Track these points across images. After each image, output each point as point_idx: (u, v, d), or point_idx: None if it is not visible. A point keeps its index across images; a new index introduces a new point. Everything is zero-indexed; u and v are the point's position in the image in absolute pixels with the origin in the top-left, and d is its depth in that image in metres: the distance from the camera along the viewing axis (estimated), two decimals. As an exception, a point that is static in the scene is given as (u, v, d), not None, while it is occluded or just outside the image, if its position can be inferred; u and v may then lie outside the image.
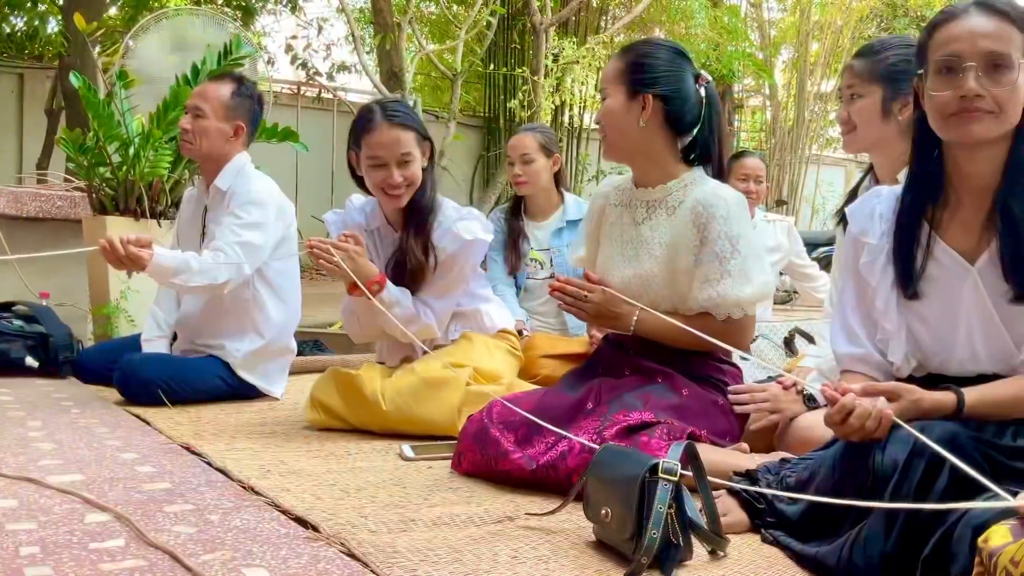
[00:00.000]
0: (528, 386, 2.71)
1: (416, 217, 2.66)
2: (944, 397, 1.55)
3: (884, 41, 2.30)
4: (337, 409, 2.58)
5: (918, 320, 1.67)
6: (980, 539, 1.08)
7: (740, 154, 4.33)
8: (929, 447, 1.35)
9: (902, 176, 1.80)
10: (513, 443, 2.06)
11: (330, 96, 10.30)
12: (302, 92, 10.48)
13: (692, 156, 2.23)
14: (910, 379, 1.67)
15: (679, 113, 2.17)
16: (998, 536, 1.06)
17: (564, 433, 1.91)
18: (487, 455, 2.07)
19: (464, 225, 2.65)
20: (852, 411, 1.48)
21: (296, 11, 9.54)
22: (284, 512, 1.79)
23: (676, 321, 2.03)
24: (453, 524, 1.75)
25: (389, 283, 2.58)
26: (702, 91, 2.19)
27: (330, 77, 8.99)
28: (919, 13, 14.50)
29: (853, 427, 1.47)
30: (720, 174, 2.24)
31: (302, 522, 1.72)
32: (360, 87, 11.91)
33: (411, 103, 5.99)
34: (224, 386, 2.98)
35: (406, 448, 2.33)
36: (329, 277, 9.44)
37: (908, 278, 1.64)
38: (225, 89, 3.03)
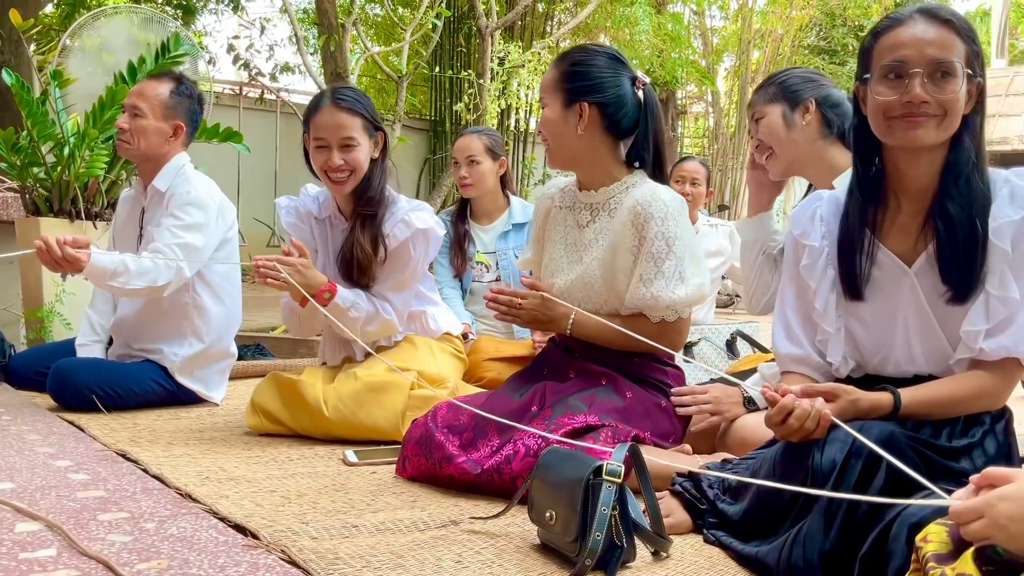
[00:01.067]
0: (473, 389, 2.70)
1: (364, 207, 2.63)
2: (881, 397, 1.58)
3: (781, 70, 2.44)
4: (278, 415, 2.54)
5: (857, 321, 1.70)
6: (918, 537, 1.10)
7: (682, 159, 4.39)
8: (866, 447, 1.38)
9: (837, 183, 1.84)
10: (458, 447, 2.05)
11: (273, 97, 10.17)
12: (244, 93, 10.33)
13: (634, 159, 2.25)
14: (848, 380, 1.70)
15: (616, 118, 2.18)
16: (936, 538, 1.07)
17: (518, 426, 1.91)
18: (432, 460, 2.06)
19: (417, 215, 2.63)
20: (792, 412, 1.50)
21: (238, 11, 9.40)
22: (222, 519, 1.75)
23: (610, 323, 2.05)
24: (397, 529, 1.73)
25: (341, 288, 2.55)
26: (640, 94, 2.20)
27: (273, 78, 8.87)
28: (857, 22, 14.85)
29: (792, 428, 1.50)
30: (661, 176, 2.25)
31: (241, 529, 1.69)
32: (304, 88, 11.79)
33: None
34: (162, 391, 2.92)
35: (349, 453, 2.31)
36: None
37: (851, 280, 1.68)
38: (164, 88, 2.97)
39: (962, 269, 1.58)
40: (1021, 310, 1.57)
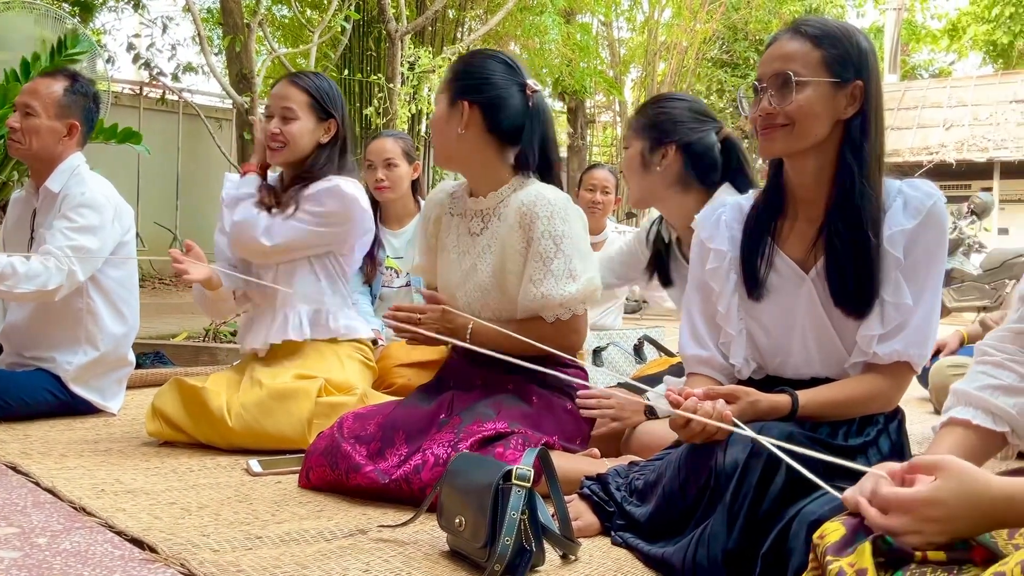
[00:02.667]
0: (383, 397, 2.66)
1: (296, 184, 2.62)
2: (779, 399, 1.62)
3: (658, 96, 2.49)
4: (179, 422, 2.46)
5: (757, 324, 1.75)
6: (815, 535, 1.12)
7: (591, 167, 4.44)
8: (766, 447, 1.41)
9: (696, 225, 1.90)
10: (365, 457, 2.02)
11: (175, 98, 9.89)
12: (145, 93, 10.02)
13: (522, 164, 2.24)
14: (750, 381, 1.75)
15: (497, 120, 2.16)
16: (833, 532, 1.10)
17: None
18: (338, 470, 2.02)
19: (346, 182, 2.62)
20: (695, 414, 1.53)
21: (139, 9, 9.12)
22: (118, 533, 1.68)
23: (506, 330, 2.03)
24: (302, 540, 1.69)
25: None
26: (531, 101, 2.19)
27: (175, 78, 8.62)
28: (758, 36, 15.32)
29: (695, 430, 1.52)
30: (551, 181, 2.24)
31: (138, 543, 1.63)
32: (208, 89, 11.51)
33: (259, 107, 5.83)
34: (55, 401, 2.79)
35: (253, 463, 2.25)
36: (174, 287, 9.08)
37: (752, 282, 1.73)
38: (58, 86, 2.85)
39: (855, 281, 1.62)
40: (913, 316, 1.63)
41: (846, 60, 1.62)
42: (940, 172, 13.49)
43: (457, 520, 1.57)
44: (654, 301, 4.94)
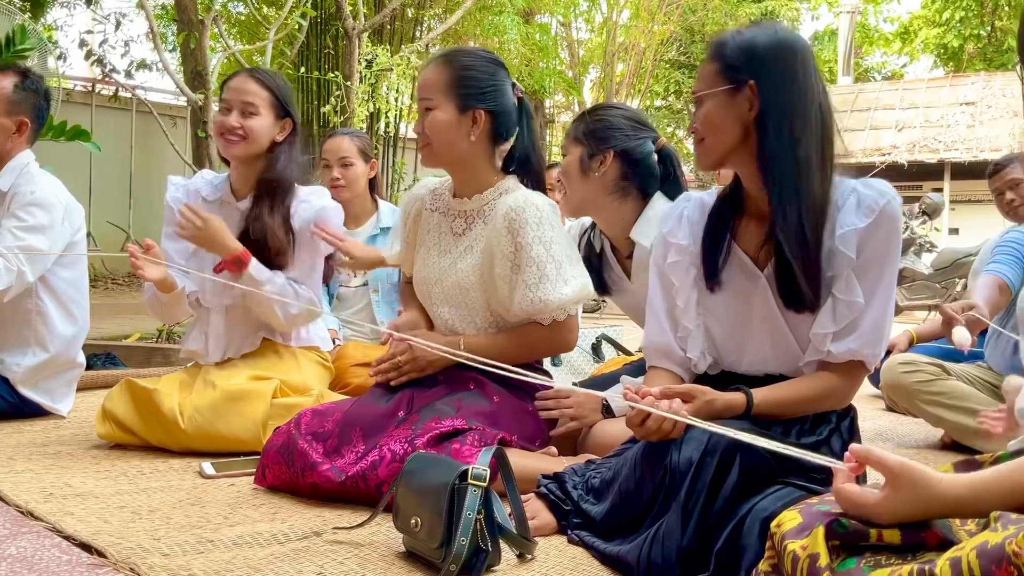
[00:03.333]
0: (339, 397, 2.64)
1: (269, 191, 2.58)
2: (735, 397, 1.64)
3: (596, 106, 2.54)
4: (131, 424, 2.42)
5: (714, 319, 1.77)
6: (773, 524, 1.13)
7: (550, 165, 4.45)
8: (721, 445, 1.43)
9: (637, 235, 1.90)
10: (322, 455, 2.00)
11: (128, 95, 9.72)
12: (98, 90, 9.84)
13: (510, 165, 2.26)
14: (705, 376, 1.76)
15: (506, 126, 2.20)
16: (790, 520, 1.12)
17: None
18: (294, 468, 2.00)
19: (316, 196, 2.64)
20: (649, 413, 1.53)
21: (92, 5, 8.94)
22: (67, 537, 1.65)
23: (500, 344, 2.11)
24: (255, 543, 1.67)
25: (254, 260, 2.49)
26: (516, 100, 2.23)
27: (128, 75, 8.47)
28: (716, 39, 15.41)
29: (651, 428, 1.53)
30: (538, 183, 2.27)
31: (87, 548, 1.60)
32: (162, 86, 11.33)
33: (214, 105, 5.75)
34: (3, 404, 2.73)
35: (206, 465, 2.22)
36: (127, 287, 8.92)
37: (711, 273, 1.75)
38: (7, 82, 2.78)
39: (799, 280, 1.64)
40: (866, 314, 1.65)
41: (736, 65, 1.65)
42: (892, 173, 13.72)
43: (413, 521, 1.57)
44: (610, 299, 4.98)
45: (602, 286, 2.59)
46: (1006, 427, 1.75)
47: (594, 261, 2.57)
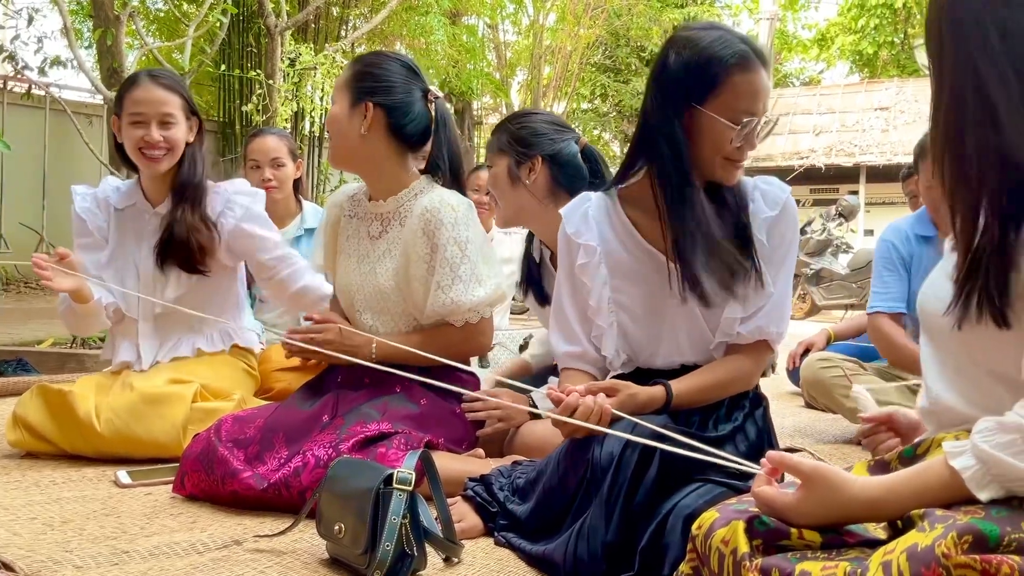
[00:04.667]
0: (261, 403, 2.59)
1: (186, 194, 2.54)
2: (655, 391, 1.67)
3: (514, 114, 2.52)
4: (44, 431, 2.32)
5: (628, 315, 1.78)
6: (694, 526, 1.15)
7: (476, 168, 4.44)
8: (640, 441, 1.45)
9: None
10: (243, 462, 1.96)
11: (42, 93, 9.39)
12: (9, 88, 9.47)
13: (431, 171, 2.25)
14: (620, 376, 1.78)
15: (402, 123, 2.17)
16: (709, 519, 1.13)
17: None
18: (214, 476, 1.95)
19: (242, 195, 2.60)
20: (575, 409, 1.54)
21: (3, 0, 8.61)
22: (-29, 553, 1.58)
23: (409, 345, 2.05)
24: (173, 553, 1.62)
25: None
26: (432, 107, 2.21)
27: (42, 72, 8.18)
28: (639, 43, 15.69)
29: (574, 426, 1.54)
30: (458, 186, 2.26)
31: (-7, 563, 1.53)
32: (77, 84, 10.98)
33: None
34: (-98, 414, 2.60)
35: (121, 474, 2.14)
36: (41, 291, 8.61)
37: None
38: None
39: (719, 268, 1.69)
40: (771, 297, 1.74)
41: None
42: (810, 176, 14.11)
43: (337, 527, 1.54)
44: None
45: (542, 298, 2.56)
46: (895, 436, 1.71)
47: (535, 273, 2.56)
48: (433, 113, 2.21)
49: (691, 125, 1.68)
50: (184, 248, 2.48)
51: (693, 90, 1.66)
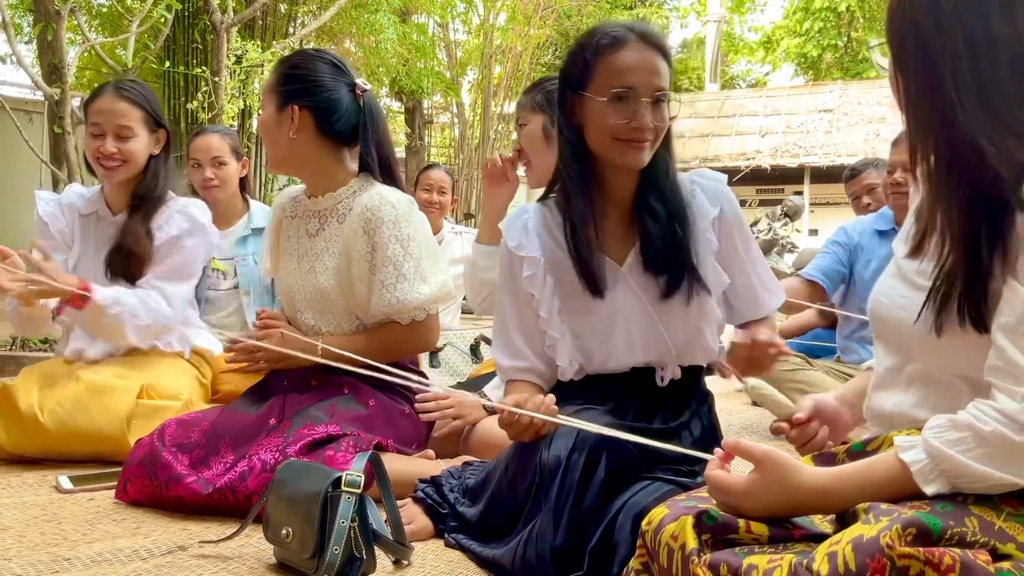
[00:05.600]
0: (208, 406, 2.54)
1: (142, 205, 2.54)
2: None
3: (544, 78, 2.49)
4: (-15, 429, 2.27)
5: (581, 323, 1.77)
6: (644, 522, 1.15)
7: (428, 167, 4.42)
8: (589, 442, 1.46)
9: None
10: (187, 466, 1.92)
11: (-21, 89, 9.14)
12: (-57, 82, 9.20)
13: (361, 166, 2.22)
14: (571, 383, 1.77)
15: (329, 123, 2.14)
16: (658, 515, 1.14)
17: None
18: (157, 481, 1.91)
19: (194, 209, 2.58)
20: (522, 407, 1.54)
21: (-64, -9, 8.34)
22: (-97, 564, 1.53)
23: (355, 344, 2.05)
24: (115, 560, 1.59)
25: (95, 286, 2.37)
26: (360, 101, 2.17)
27: (-22, 67, 7.96)
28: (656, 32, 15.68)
29: (523, 424, 1.54)
30: (391, 180, 2.22)
31: (-74, 574, 1.48)
32: (17, 80, 10.70)
33: (72, 100, 5.46)
34: None
35: (63, 479, 2.10)
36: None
37: (593, 282, 1.72)
38: None
39: (668, 263, 1.70)
40: (754, 277, 1.81)
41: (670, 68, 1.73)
42: (756, 177, 14.31)
43: (284, 531, 1.52)
44: (490, 302, 4.99)
45: None
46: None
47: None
48: (362, 106, 2.18)
49: (582, 116, 1.71)
50: (127, 259, 2.48)
51: (574, 79, 1.71)
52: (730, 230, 1.78)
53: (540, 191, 1.96)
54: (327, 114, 2.13)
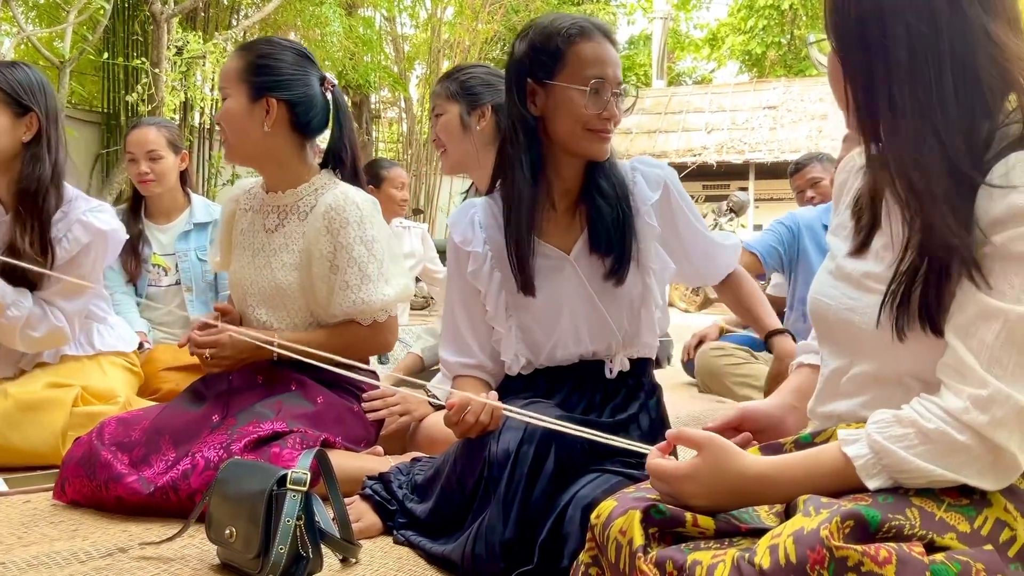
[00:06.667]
0: (148, 404, 2.48)
1: (24, 200, 2.33)
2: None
3: (461, 65, 2.54)
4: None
5: (527, 316, 1.77)
6: (593, 515, 1.15)
7: (393, 165, 4.42)
8: (537, 434, 1.45)
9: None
10: (127, 465, 1.88)
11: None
12: None
13: (331, 162, 2.20)
14: (519, 377, 1.77)
15: (307, 118, 2.12)
16: (607, 508, 1.13)
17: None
18: (96, 481, 1.86)
19: (96, 215, 2.39)
20: (467, 407, 1.53)
21: None
22: None
23: (316, 341, 1.99)
24: (53, 563, 1.54)
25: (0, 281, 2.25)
26: (328, 95, 2.16)
27: (-94, 57, 7.69)
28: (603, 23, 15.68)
29: (469, 423, 1.53)
30: (356, 179, 2.22)
31: None
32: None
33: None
34: None
35: (-3, 481, 2.03)
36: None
37: (526, 279, 1.73)
38: None
39: (615, 246, 1.72)
40: (710, 244, 1.88)
41: None
42: (703, 173, 14.46)
43: (228, 531, 1.49)
44: (439, 297, 4.98)
45: None
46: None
47: None
48: (331, 102, 2.16)
49: (547, 104, 1.70)
50: (18, 260, 2.25)
51: (541, 67, 1.70)
52: (674, 209, 1.82)
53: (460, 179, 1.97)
54: (305, 110, 2.10)
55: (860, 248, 1.20)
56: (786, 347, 1.94)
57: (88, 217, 2.37)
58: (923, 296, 1.07)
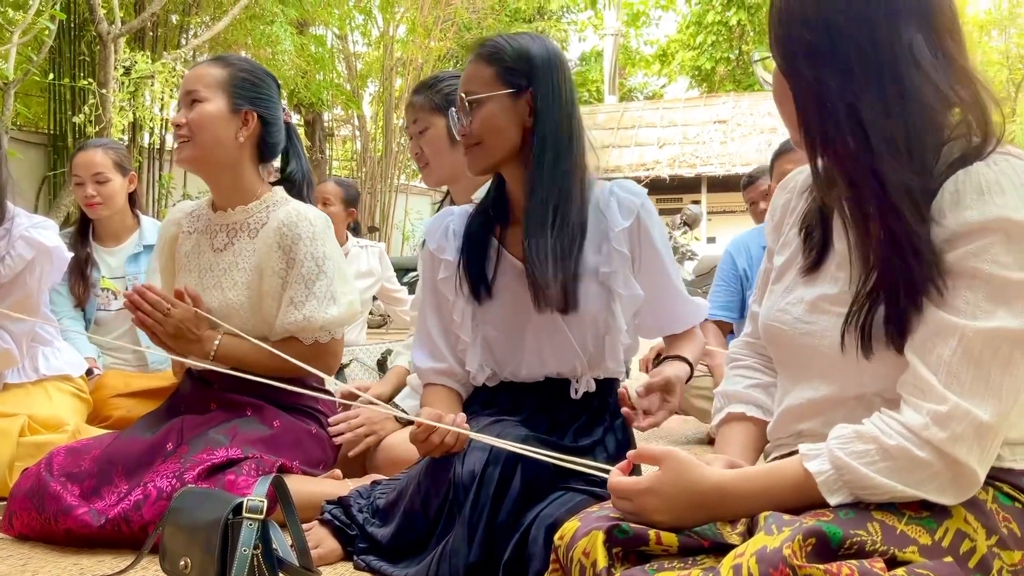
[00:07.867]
0: (98, 431, 2.42)
1: None
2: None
3: (439, 76, 2.48)
4: None
5: (492, 329, 1.76)
6: (556, 536, 1.14)
7: (323, 181, 4.37)
8: (503, 455, 1.43)
9: (477, 196, 1.90)
10: (78, 497, 1.82)
11: None
12: None
13: (287, 182, 2.21)
14: (484, 388, 1.76)
15: (273, 139, 2.16)
16: (570, 529, 1.12)
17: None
18: (45, 514, 1.81)
19: (39, 232, 2.32)
20: (433, 430, 1.51)
21: None
22: None
23: (262, 344, 1.95)
24: (-2, 601, 1.49)
25: None
26: (286, 123, 2.22)
27: None
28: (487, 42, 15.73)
29: (435, 443, 1.51)
30: (307, 198, 2.22)
31: None
32: None
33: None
34: None
35: (-61, 517, 1.96)
36: None
37: (477, 284, 1.73)
38: None
39: (552, 273, 1.65)
40: (670, 292, 1.78)
41: (516, 69, 1.69)
42: (656, 187, 14.61)
43: (183, 562, 1.44)
44: (396, 315, 4.94)
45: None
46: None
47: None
48: (288, 130, 2.22)
49: None
50: None
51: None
52: (641, 242, 1.74)
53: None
54: (274, 130, 2.16)
55: (812, 268, 1.21)
56: (676, 370, 1.74)
57: (32, 233, 2.30)
58: (887, 316, 1.07)
